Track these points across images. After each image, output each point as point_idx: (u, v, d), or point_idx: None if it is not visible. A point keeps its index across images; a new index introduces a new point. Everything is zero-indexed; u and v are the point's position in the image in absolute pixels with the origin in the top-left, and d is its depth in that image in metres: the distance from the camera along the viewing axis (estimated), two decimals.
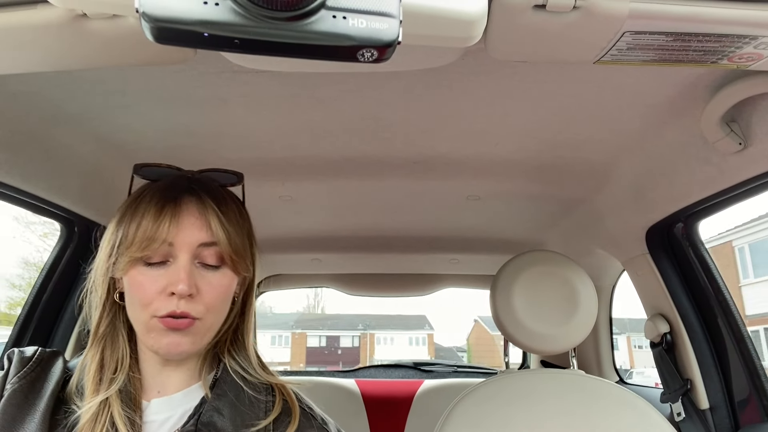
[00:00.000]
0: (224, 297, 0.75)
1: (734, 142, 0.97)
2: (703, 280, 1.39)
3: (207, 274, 0.73)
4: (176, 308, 0.70)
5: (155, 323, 0.70)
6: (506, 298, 1.31)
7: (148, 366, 0.77)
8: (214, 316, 0.74)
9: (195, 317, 0.71)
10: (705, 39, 0.57)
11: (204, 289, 0.72)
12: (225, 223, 0.74)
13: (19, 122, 1.01)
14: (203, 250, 0.73)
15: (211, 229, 0.73)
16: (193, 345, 0.73)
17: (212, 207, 0.74)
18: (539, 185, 1.42)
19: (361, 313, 23.12)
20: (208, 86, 0.93)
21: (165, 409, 0.75)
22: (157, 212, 0.72)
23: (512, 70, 0.88)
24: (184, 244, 0.72)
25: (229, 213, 0.76)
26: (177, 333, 0.70)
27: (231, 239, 0.74)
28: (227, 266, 0.75)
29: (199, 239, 0.72)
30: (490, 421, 1.20)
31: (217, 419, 0.73)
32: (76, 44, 0.58)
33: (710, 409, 1.35)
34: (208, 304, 0.72)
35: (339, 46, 0.41)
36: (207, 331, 0.74)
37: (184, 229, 0.72)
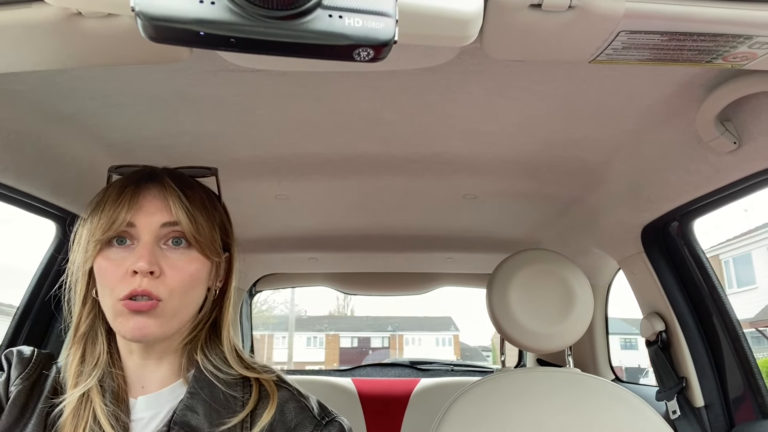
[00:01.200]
0: (191, 280, 0.74)
1: (729, 141, 0.97)
2: (698, 279, 1.40)
3: (172, 255, 0.73)
4: (138, 286, 0.70)
5: (120, 307, 0.70)
6: (502, 297, 1.31)
7: (130, 362, 0.77)
8: (180, 300, 0.73)
9: (157, 297, 0.71)
10: (700, 38, 0.57)
11: (168, 270, 0.72)
12: (187, 205, 0.74)
13: (14, 121, 1.01)
14: (166, 231, 0.73)
15: (171, 210, 0.73)
16: (160, 328, 0.72)
17: (173, 188, 0.75)
18: (535, 184, 1.42)
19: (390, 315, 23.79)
20: (203, 85, 0.93)
21: (152, 406, 0.75)
22: (117, 196, 0.73)
23: (508, 69, 0.88)
24: (146, 225, 0.72)
25: (193, 196, 0.76)
26: (141, 315, 0.70)
27: (194, 220, 0.74)
28: (194, 249, 0.75)
29: (161, 219, 0.73)
30: (486, 419, 1.20)
31: (191, 417, 0.72)
32: (71, 43, 0.58)
33: (705, 407, 1.36)
34: (172, 286, 0.72)
35: (335, 45, 0.41)
36: (174, 314, 0.73)
37: (144, 209, 0.73)
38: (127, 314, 0.70)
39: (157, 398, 0.75)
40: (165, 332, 0.73)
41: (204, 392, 0.75)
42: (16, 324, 1.36)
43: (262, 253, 2.10)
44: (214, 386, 0.76)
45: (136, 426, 0.73)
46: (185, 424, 0.72)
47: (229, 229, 0.84)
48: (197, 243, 0.75)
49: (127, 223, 0.72)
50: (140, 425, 0.73)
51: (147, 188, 0.75)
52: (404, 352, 22.90)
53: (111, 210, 0.72)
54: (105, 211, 0.73)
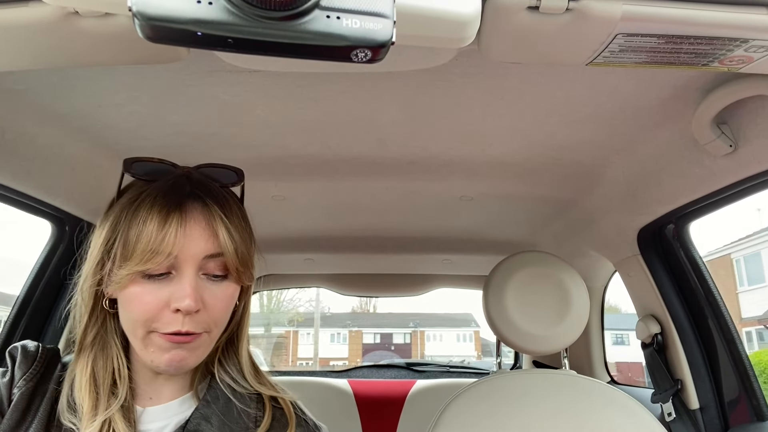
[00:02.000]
0: (228, 309, 0.72)
1: (725, 144, 0.97)
2: (693, 282, 1.40)
3: (212, 286, 0.69)
4: (181, 327, 0.65)
5: (156, 338, 0.66)
6: (498, 299, 1.31)
7: (141, 375, 0.74)
8: (219, 329, 0.72)
9: (199, 333, 0.67)
10: (696, 42, 0.57)
11: (209, 302, 0.68)
12: (232, 233, 0.69)
13: (10, 120, 1.00)
14: (209, 262, 0.68)
15: (218, 240, 0.68)
16: (197, 359, 0.70)
17: (219, 214, 0.69)
18: (532, 186, 1.43)
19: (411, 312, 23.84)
20: (200, 85, 0.93)
21: (160, 417, 0.73)
22: (161, 221, 0.66)
23: (505, 72, 0.88)
24: (190, 256, 0.66)
25: (234, 219, 0.71)
26: (181, 348, 0.67)
27: (238, 249, 0.70)
28: (232, 277, 0.71)
29: (206, 251, 0.67)
30: (482, 421, 1.20)
31: (205, 427, 0.71)
32: (67, 42, 0.58)
33: (700, 409, 1.36)
34: (215, 318, 0.69)
35: (333, 46, 0.41)
36: (211, 343, 0.71)
37: (190, 240, 0.66)
38: (165, 346, 0.66)
39: (166, 410, 0.73)
40: (200, 360, 0.71)
41: (218, 404, 0.74)
42: (11, 323, 1.35)
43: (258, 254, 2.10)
44: (228, 399, 0.74)
45: None
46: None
47: (256, 243, 0.79)
48: (237, 272, 0.70)
49: (174, 256, 0.65)
50: None
51: (191, 212, 0.68)
52: (425, 348, 23.28)
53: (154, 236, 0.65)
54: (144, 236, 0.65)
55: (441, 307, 32.85)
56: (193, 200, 0.69)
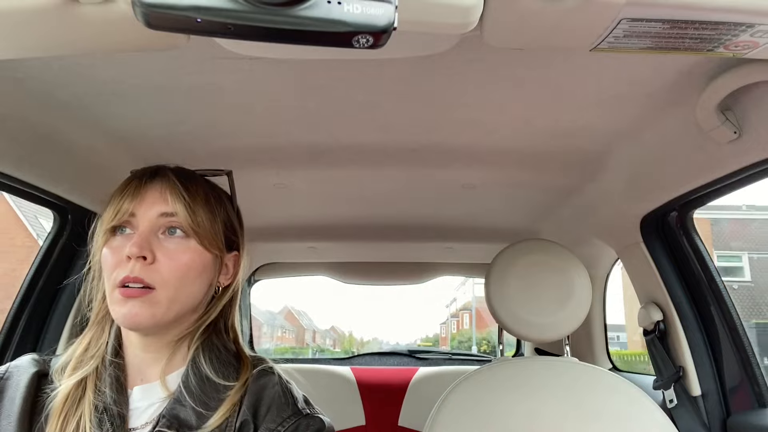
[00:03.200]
0: (186, 270, 0.75)
1: (729, 130, 0.97)
2: (696, 269, 1.40)
3: (167, 243, 0.75)
4: (130, 272, 0.71)
5: (116, 294, 0.72)
6: (501, 287, 1.31)
7: (130, 353, 0.78)
8: (176, 290, 0.74)
9: (150, 284, 0.72)
10: (701, 26, 0.57)
11: (162, 258, 0.74)
12: (185, 196, 0.76)
13: (12, 109, 1.00)
14: (163, 221, 0.76)
15: (168, 201, 0.76)
16: (153, 318, 0.72)
17: (174, 182, 0.77)
18: (534, 174, 1.42)
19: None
20: (201, 73, 0.92)
21: (147, 396, 0.76)
22: (122, 189, 0.78)
23: (508, 58, 0.87)
24: (144, 214, 0.75)
25: (195, 190, 0.79)
26: (133, 301, 0.71)
27: (192, 211, 0.76)
28: (192, 239, 0.76)
29: (159, 210, 0.75)
30: (483, 407, 1.21)
31: (180, 410, 0.73)
32: (67, 29, 0.57)
33: (702, 395, 1.37)
34: (166, 274, 0.73)
35: (334, 32, 0.40)
36: (169, 304, 0.74)
37: (144, 200, 0.76)
38: (121, 301, 0.72)
39: (153, 388, 0.76)
40: (158, 321, 0.73)
41: (194, 385, 0.75)
42: (15, 312, 1.36)
43: (260, 242, 2.10)
44: (204, 378, 0.76)
45: (133, 414, 0.74)
46: (173, 417, 0.73)
47: (237, 229, 0.86)
48: (195, 234, 0.76)
49: (129, 213, 0.75)
50: (136, 414, 0.74)
51: (150, 181, 0.78)
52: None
53: (116, 202, 0.76)
54: (112, 203, 0.77)
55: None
56: (155, 175, 0.79)
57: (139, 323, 0.72)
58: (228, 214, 0.84)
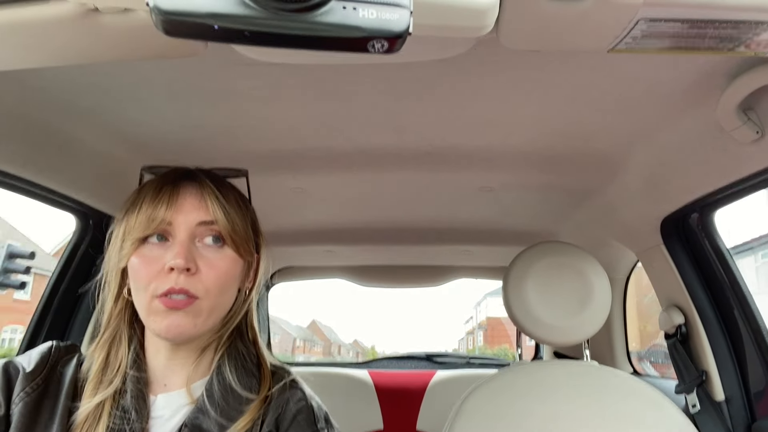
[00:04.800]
0: (226, 278, 0.74)
1: (751, 130, 0.95)
2: (719, 271, 1.37)
3: (207, 253, 0.74)
4: (174, 284, 0.70)
5: (156, 305, 0.70)
6: (519, 290, 1.30)
7: (156, 361, 0.77)
8: (216, 299, 0.73)
9: (194, 295, 0.71)
10: (722, 25, 0.56)
11: (204, 268, 0.72)
12: (224, 204, 0.75)
13: (34, 116, 1.02)
14: (202, 229, 0.74)
15: (209, 209, 0.74)
16: (195, 327, 0.72)
17: (210, 188, 0.76)
18: (552, 176, 1.41)
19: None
20: (219, 79, 0.93)
21: (171, 404, 0.75)
22: (154, 195, 0.74)
23: (525, 60, 0.87)
24: (183, 223, 0.73)
25: (228, 196, 0.77)
26: (177, 313, 0.70)
27: (230, 219, 0.75)
28: (229, 246, 0.75)
29: (197, 218, 0.74)
30: (502, 412, 1.20)
31: (202, 420, 0.72)
32: (88, 39, 0.58)
33: (726, 400, 1.34)
34: (208, 284, 0.72)
35: (349, 38, 0.40)
36: (209, 313, 0.73)
37: (181, 207, 0.73)
38: (163, 312, 0.70)
39: (178, 396, 0.75)
40: (199, 331, 0.73)
41: (218, 394, 0.75)
42: (38, 316, 1.38)
43: (278, 246, 2.11)
44: (228, 389, 0.76)
45: (155, 423, 0.73)
46: (196, 426, 0.72)
47: (259, 231, 0.85)
48: (233, 242, 0.75)
49: (166, 222, 0.73)
50: (160, 422, 0.74)
51: (185, 187, 0.76)
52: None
53: (149, 208, 0.73)
54: (143, 210, 0.73)
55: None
56: (188, 179, 0.77)
57: (182, 334, 0.71)
58: (253, 216, 0.83)
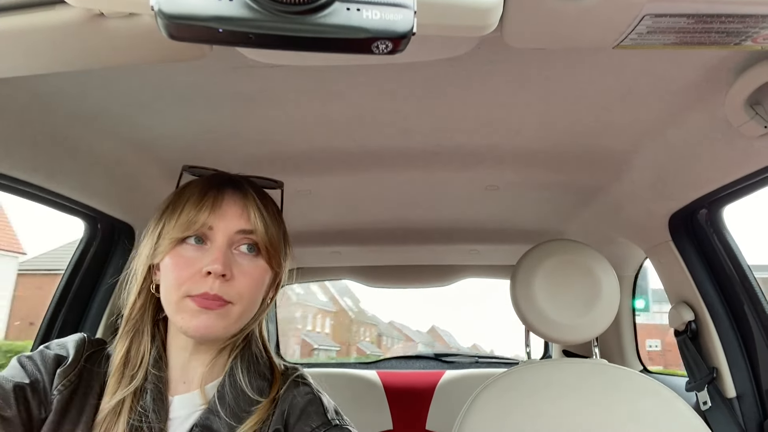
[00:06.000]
0: (257, 286, 0.77)
1: (759, 125, 0.94)
2: (728, 267, 1.36)
3: (242, 260, 0.76)
4: (210, 289, 0.71)
5: (188, 303, 0.72)
6: (527, 288, 1.30)
7: (179, 358, 0.78)
8: (246, 305, 0.75)
9: (227, 300, 0.73)
10: (728, 20, 0.56)
11: (238, 275, 0.74)
12: (264, 215, 0.77)
13: (42, 122, 1.03)
14: (240, 237, 0.76)
15: (249, 218, 0.76)
16: (225, 329, 0.74)
17: (253, 198, 0.78)
18: (559, 174, 1.41)
19: None
20: (224, 82, 0.94)
21: (187, 405, 0.76)
22: (199, 198, 0.76)
23: (529, 58, 0.87)
24: (223, 229, 0.75)
25: (268, 207, 0.79)
26: (209, 313, 0.72)
27: (268, 230, 0.77)
28: (262, 257, 0.77)
29: (238, 226, 0.75)
30: (512, 410, 1.20)
31: (213, 421, 0.74)
32: (94, 43, 0.59)
33: (737, 397, 1.33)
34: (241, 291, 0.74)
35: (353, 39, 0.41)
36: (238, 318, 0.75)
37: (224, 214, 0.75)
38: (194, 311, 0.72)
39: (192, 398, 0.77)
40: (227, 333, 0.75)
41: (229, 396, 0.76)
42: (48, 321, 1.39)
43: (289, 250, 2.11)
44: (240, 391, 0.77)
45: (173, 424, 0.75)
46: (207, 428, 0.73)
47: (289, 242, 0.87)
48: (267, 252, 0.77)
49: (207, 226, 0.74)
50: (177, 423, 0.75)
51: (229, 194, 0.78)
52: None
53: (192, 211, 0.75)
54: (185, 211, 0.75)
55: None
56: (232, 186, 0.79)
57: (211, 334, 0.73)
58: (284, 228, 0.85)
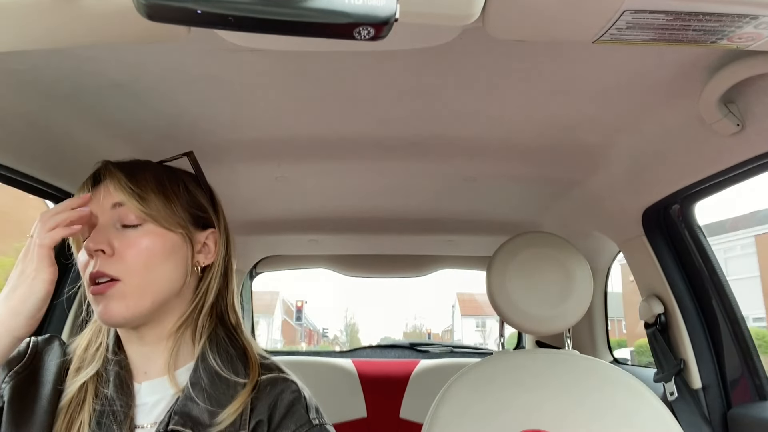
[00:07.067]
0: (148, 255, 0.75)
1: (732, 123, 0.96)
2: (698, 262, 1.40)
3: (126, 232, 0.75)
4: (93, 268, 0.72)
5: (90, 294, 0.73)
6: (501, 280, 1.31)
7: (131, 349, 0.78)
8: (142, 277, 0.74)
9: (113, 276, 0.72)
10: (705, 18, 0.56)
11: (122, 248, 0.73)
12: (131, 185, 0.77)
13: (13, 101, 1.00)
14: (117, 212, 0.76)
15: (115, 192, 0.77)
16: (128, 309, 0.72)
17: (119, 174, 0.78)
18: (535, 167, 1.42)
19: None
20: (202, 65, 0.92)
21: (156, 391, 0.75)
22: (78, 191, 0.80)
23: (510, 50, 0.87)
24: (98, 209, 0.76)
25: (141, 177, 0.78)
26: (103, 298, 0.72)
27: (140, 198, 0.76)
28: (149, 224, 0.76)
29: (109, 201, 0.76)
30: (485, 400, 1.21)
31: (192, 407, 0.73)
32: (67, 21, 0.57)
33: (703, 388, 1.37)
34: (128, 262, 0.73)
35: (335, 24, 0.40)
36: (141, 293, 0.73)
37: (96, 197, 0.77)
38: (94, 299, 0.73)
39: (161, 384, 0.76)
40: (134, 312, 0.73)
41: (204, 381, 0.75)
42: None
43: (262, 234, 2.10)
44: (214, 375, 0.76)
45: (140, 411, 0.74)
46: (186, 414, 0.72)
47: (206, 206, 0.84)
48: (149, 216, 0.76)
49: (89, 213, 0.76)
50: (145, 410, 0.74)
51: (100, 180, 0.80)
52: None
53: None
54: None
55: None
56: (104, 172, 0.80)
57: (114, 317, 0.72)
58: (190, 192, 0.83)
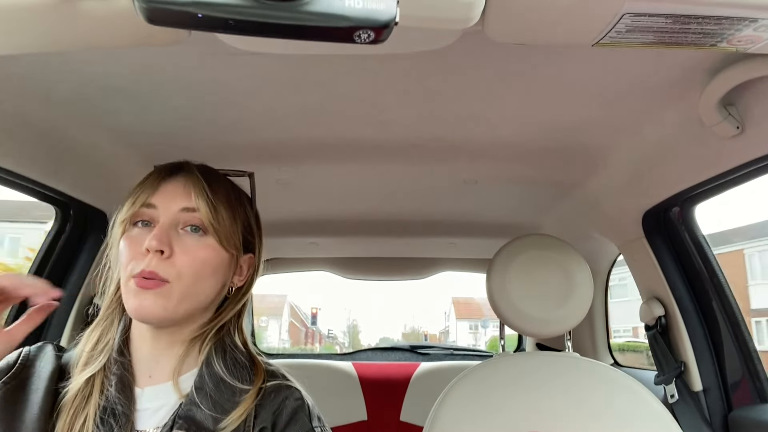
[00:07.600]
0: (202, 266, 0.75)
1: (732, 126, 0.96)
2: (698, 264, 1.40)
3: (186, 238, 0.75)
4: (146, 266, 0.71)
5: (131, 284, 0.72)
6: (502, 282, 1.31)
7: (142, 349, 0.77)
8: (188, 285, 0.73)
9: (164, 278, 0.71)
10: (705, 21, 0.56)
11: (179, 252, 0.73)
12: (208, 193, 0.76)
13: (13, 105, 1.00)
14: (185, 216, 0.75)
15: (191, 197, 0.76)
16: (164, 310, 0.72)
17: (198, 178, 0.77)
18: (536, 169, 1.42)
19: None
20: (202, 69, 0.92)
21: (159, 396, 0.75)
22: (143, 182, 0.78)
23: (510, 53, 0.87)
24: (165, 209, 0.75)
25: (217, 188, 0.78)
26: (146, 293, 0.71)
27: (214, 209, 0.76)
28: (211, 237, 0.76)
29: (180, 204, 0.75)
30: (485, 403, 1.21)
31: (196, 412, 0.72)
32: (68, 24, 0.57)
33: (703, 391, 1.37)
34: (181, 268, 0.73)
35: (335, 27, 0.40)
36: (181, 299, 0.73)
37: (165, 193, 0.76)
38: (135, 291, 0.71)
39: (164, 390, 0.75)
40: (168, 315, 0.73)
41: (209, 387, 0.75)
42: (17, 308, 1.36)
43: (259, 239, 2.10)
44: (219, 381, 0.75)
45: (141, 416, 0.73)
46: (189, 419, 0.71)
47: (255, 231, 0.85)
48: (214, 231, 0.76)
49: (147, 204, 0.75)
50: (146, 415, 0.73)
51: (172, 175, 0.78)
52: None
53: (136, 194, 0.77)
54: (132, 195, 0.77)
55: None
56: (179, 170, 0.79)
57: (150, 314, 0.72)
58: (247, 215, 0.84)
